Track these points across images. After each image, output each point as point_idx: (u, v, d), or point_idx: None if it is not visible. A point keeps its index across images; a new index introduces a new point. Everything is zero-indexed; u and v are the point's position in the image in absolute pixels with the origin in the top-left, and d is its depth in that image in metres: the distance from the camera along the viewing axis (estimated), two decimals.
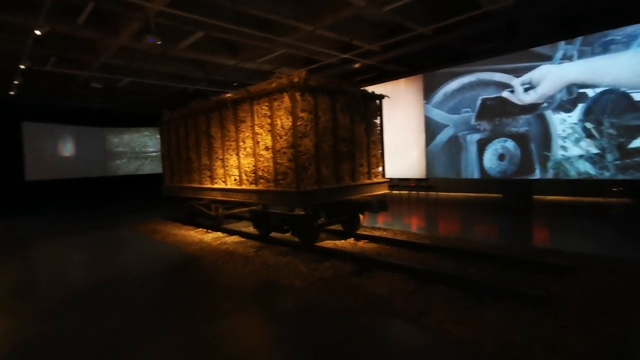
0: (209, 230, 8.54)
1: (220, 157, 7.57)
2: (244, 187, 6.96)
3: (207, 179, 8.10)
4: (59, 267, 6.28)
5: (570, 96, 10.42)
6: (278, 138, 6.09)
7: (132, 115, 19.34)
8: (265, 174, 6.43)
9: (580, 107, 10.22)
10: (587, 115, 10.11)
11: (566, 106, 10.49)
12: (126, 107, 18.83)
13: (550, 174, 10.88)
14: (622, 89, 9.45)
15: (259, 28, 9.64)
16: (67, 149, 17.55)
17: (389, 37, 10.68)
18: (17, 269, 6.18)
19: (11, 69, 11.00)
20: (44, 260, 6.95)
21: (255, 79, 15.20)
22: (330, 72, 13.82)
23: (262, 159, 6.47)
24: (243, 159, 6.95)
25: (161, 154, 10.01)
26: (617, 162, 9.67)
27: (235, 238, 7.66)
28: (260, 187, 6.56)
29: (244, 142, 6.91)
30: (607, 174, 9.84)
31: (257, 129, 6.51)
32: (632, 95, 9.34)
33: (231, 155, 7.26)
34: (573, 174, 10.39)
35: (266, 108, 6.27)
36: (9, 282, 5.51)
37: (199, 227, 8.93)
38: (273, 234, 7.13)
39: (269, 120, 6.24)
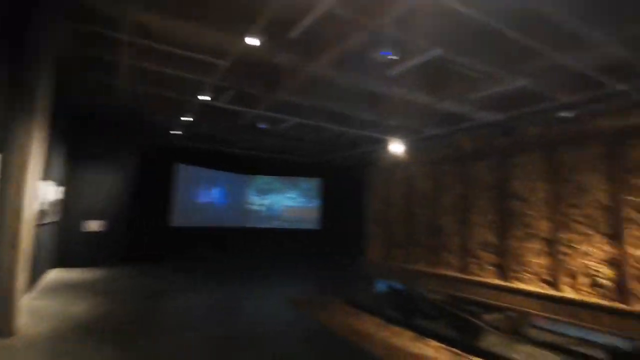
0: (462, 353, 5.06)
1: (544, 236, 4.23)
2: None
3: (487, 268, 4.78)
4: None
5: None
6: None
7: (274, 162, 17.99)
8: None
9: None
10: None
11: None
12: (270, 154, 17.54)
13: None
14: None
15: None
16: (210, 194, 16.55)
17: None
18: None
19: (190, 101, 9.73)
20: None
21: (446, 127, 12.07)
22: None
23: None
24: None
25: (369, 214, 7.13)
26: None
27: None
28: None
29: None
30: None
31: None
32: None
33: (588, 235, 3.86)
34: None
35: None
36: None
37: (426, 336, 5.53)
38: None
39: None
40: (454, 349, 5.18)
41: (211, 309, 6.85)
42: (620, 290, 3.48)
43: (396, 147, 7.79)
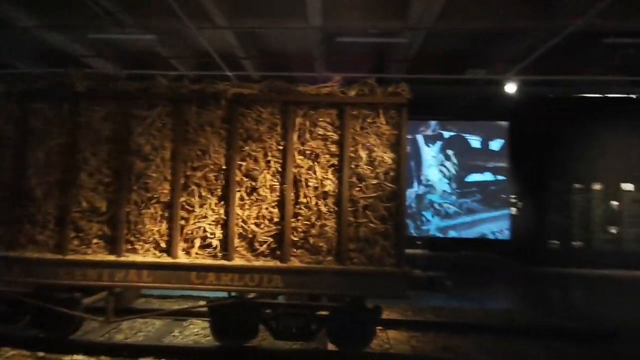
0: (48, 354, 3.89)
1: (164, 200, 3.68)
2: (240, 262, 3.60)
3: (94, 242, 3.70)
4: None
5: None
6: (355, 180, 3.62)
7: None
8: (315, 240, 3.60)
9: None
10: None
11: None
12: None
13: None
14: None
15: None
16: None
17: None
18: None
19: None
20: None
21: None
22: None
23: (306, 212, 3.61)
24: (244, 208, 3.66)
25: None
26: None
27: None
28: (296, 263, 3.57)
29: (250, 175, 3.69)
30: None
31: (299, 159, 3.64)
32: None
33: (206, 198, 3.67)
34: None
35: (330, 128, 3.65)
36: None
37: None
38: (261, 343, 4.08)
39: (335, 148, 3.64)
40: (38, 353, 3.91)
41: None
42: (225, 248, 3.74)
43: None
